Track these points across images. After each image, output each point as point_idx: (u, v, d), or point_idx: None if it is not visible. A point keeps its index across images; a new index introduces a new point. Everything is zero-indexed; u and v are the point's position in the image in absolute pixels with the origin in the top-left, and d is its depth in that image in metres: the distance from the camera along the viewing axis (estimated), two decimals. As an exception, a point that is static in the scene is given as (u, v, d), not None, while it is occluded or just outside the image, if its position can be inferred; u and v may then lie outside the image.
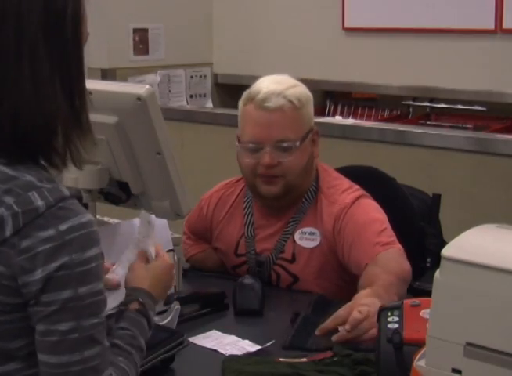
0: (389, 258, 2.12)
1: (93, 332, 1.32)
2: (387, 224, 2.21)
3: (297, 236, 2.25)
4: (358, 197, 2.25)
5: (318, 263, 2.23)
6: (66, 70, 1.37)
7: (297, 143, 2.19)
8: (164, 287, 1.70)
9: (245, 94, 2.25)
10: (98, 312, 1.33)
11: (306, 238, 2.25)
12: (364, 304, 1.88)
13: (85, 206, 1.49)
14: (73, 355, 1.31)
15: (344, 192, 2.26)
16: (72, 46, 1.38)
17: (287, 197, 2.24)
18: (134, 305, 1.56)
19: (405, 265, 2.12)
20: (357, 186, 2.31)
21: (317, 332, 1.89)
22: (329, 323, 1.89)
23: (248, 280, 2.10)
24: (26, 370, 1.34)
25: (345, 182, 2.32)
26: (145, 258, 1.70)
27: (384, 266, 2.07)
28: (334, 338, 1.84)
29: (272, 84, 2.21)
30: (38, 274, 1.28)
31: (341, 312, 1.89)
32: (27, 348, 1.33)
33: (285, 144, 2.18)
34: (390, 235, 2.18)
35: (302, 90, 2.24)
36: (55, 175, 1.41)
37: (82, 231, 1.32)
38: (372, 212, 2.23)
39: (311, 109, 2.26)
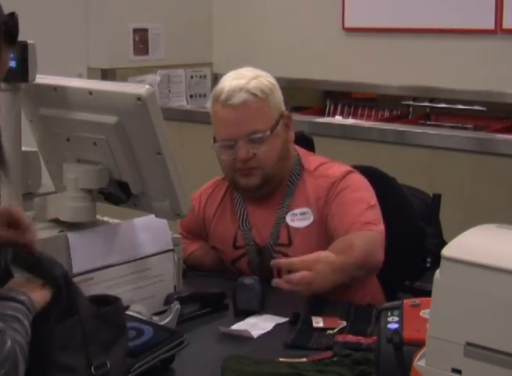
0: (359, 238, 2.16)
1: None
2: (373, 202, 2.25)
3: (288, 219, 2.30)
4: (349, 172, 2.31)
5: (314, 241, 2.25)
6: None
7: (268, 133, 2.25)
8: None
9: (211, 94, 2.35)
10: None
11: (298, 219, 2.29)
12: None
13: None
14: None
15: (331, 167, 2.33)
16: None
17: (267, 186, 2.30)
18: None
19: (377, 254, 2.14)
20: (341, 163, 2.37)
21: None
22: (284, 262, 2.09)
23: (248, 280, 2.10)
24: None
25: (330, 161, 2.38)
26: None
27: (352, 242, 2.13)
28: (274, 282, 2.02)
29: (234, 81, 2.28)
30: None
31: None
32: None
33: (256, 136, 2.24)
34: (373, 214, 2.22)
35: (263, 81, 2.29)
36: None
37: None
38: (360, 190, 2.28)
39: (277, 96, 2.31)
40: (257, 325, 1.97)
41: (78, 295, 1.51)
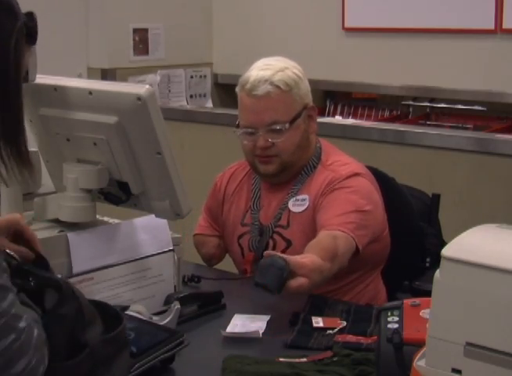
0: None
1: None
2: (365, 209, 2.27)
3: (290, 203, 2.39)
4: (355, 174, 2.35)
5: (308, 227, 2.33)
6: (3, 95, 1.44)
7: (287, 125, 2.33)
8: None
9: (239, 81, 2.40)
10: None
11: (298, 204, 2.38)
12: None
13: None
14: None
15: (344, 165, 2.39)
16: (14, 73, 1.45)
17: (284, 173, 2.39)
18: None
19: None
20: (359, 163, 2.42)
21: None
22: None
23: (278, 259, 1.97)
24: None
25: (348, 158, 2.45)
26: None
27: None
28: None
29: (261, 71, 2.34)
30: None
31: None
32: None
33: (276, 127, 2.33)
34: (355, 218, 2.23)
35: (290, 74, 2.36)
36: None
37: None
38: (355, 194, 2.30)
39: (302, 88, 2.38)
40: (249, 325, 1.96)
41: (87, 321, 1.47)
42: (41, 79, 1.91)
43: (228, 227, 2.51)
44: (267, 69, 2.35)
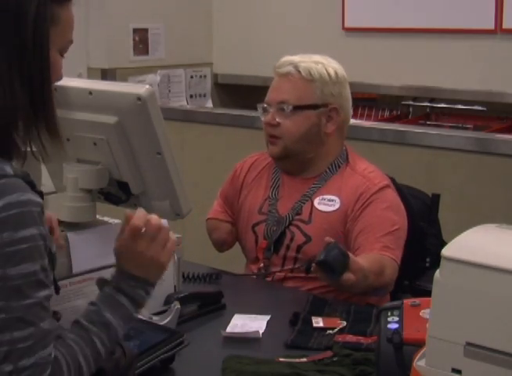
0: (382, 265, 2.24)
1: (24, 314, 1.30)
2: (397, 226, 2.33)
3: (316, 201, 2.40)
4: (387, 186, 2.39)
5: (331, 226, 2.35)
6: (25, 70, 1.40)
7: (291, 107, 2.37)
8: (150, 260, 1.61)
9: None
10: (30, 293, 1.31)
11: (324, 203, 2.40)
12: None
13: (40, 194, 1.46)
14: (3, 335, 1.29)
15: (374, 172, 2.42)
16: (32, 46, 1.40)
17: (289, 161, 2.43)
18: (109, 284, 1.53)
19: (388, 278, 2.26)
20: (379, 170, 2.45)
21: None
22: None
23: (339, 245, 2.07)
24: None
25: (370, 164, 2.47)
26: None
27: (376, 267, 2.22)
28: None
29: (296, 57, 2.43)
30: None
31: None
32: None
33: (282, 106, 2.38)
34: (392, 239, 2.30)
35: (320, 68, 2.40)
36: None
37: (19, 209, 1.31)
38: (389, 210, 2.35)
39: (331, 88, 2.41)
40: (249, 325, 1.96)
41: None
42: (41, 79, 1.91)
43: (244, 214, 2.52)
44: (302, 57, 2.42)
